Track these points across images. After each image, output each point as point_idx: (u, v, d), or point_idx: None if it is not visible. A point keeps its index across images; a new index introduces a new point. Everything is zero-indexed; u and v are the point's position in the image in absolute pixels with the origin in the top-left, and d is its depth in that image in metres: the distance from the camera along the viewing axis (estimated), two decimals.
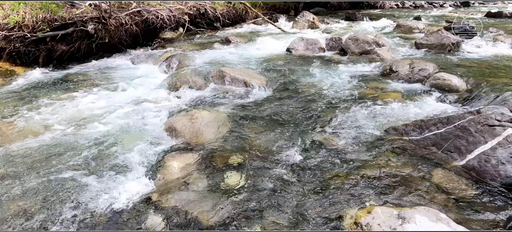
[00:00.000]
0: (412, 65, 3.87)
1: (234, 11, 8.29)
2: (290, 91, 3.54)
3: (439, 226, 1.35)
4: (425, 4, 13.26)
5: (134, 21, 5.58)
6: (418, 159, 2.14)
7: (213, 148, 2.36)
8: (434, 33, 5.09)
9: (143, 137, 2.57)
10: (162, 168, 2.11)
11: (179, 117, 2.82)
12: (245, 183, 1.96)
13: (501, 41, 5.05)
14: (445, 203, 1.73)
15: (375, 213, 1.51)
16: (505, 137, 1.89)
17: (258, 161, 2.18)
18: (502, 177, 1.77)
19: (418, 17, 8.43)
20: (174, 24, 6.52)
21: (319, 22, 7.87)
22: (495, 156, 1.86)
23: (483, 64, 4.00)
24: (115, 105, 3.28)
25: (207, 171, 2.09)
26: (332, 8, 11.44)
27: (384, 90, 3.51)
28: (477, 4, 13.53)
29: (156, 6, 6.16)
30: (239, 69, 4.13)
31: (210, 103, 3.27)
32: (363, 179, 1.97)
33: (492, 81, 3.29)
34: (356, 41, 4.88)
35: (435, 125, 2.29)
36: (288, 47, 5.29)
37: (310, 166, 2.13)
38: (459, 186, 1.84)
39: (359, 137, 2.48)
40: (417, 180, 1.93)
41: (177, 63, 4.73)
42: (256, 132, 2.61)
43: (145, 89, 3.84)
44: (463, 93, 3.19)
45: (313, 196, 1.84)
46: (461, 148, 2.04)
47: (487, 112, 2.08)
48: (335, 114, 2.88)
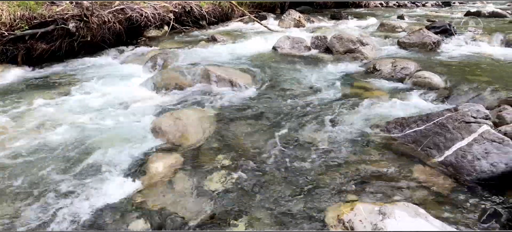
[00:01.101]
0: (395, 64, 3.96)
1: (220, 9, 8.24)
2: (276, 90, 3.56)
3: (417, 221, 1.40)
4: (408, 3, 13.57)
5: (118, 19, 5.46)
6: (399, 155, 2.20)
7: (198, 147, 2.36)
8: (416, 32, 5.22)
9: (127, 137, 2.53)
10: (147, 168, 2.08)
11: (164, 117, 2.79)
12: (230, 182, 1.96)
13: (479, 40, 5.23)
14: (424, 198, 1.79)
15: (357, 209, 1.55)
16: (480, 133, 1.96)
17: (244, 160, 2.19)
18: (477, 172, 1.85)
19: (401, 16, 8.61)
20: (159, 22, 6.43)
21: (305, 21, 7.92)
22: (471, 151, 1.93)
23: (462, 63, 4.13)
24: (98, 105, 3.21)
25: (192, 171, 2.08)
26: (317, 6, 11.55)
27: (368, 88, 3.58)
28: (458, 4, 13.94)
29: (140, 4, 6.05)
30: (225, 68, 4.12)
31: (196, 102, 3.25)
32: (346, 176, 2.01)
33: (470, 79, 3.40)
34: (341, 40, 4.95)
35: (415, 122, 2.35)
36: (274, 46, 5.30)
37: (295, 164, 2.15)
38: (437, 181, 1.91)
39: (343, 135, 2.52)
40: (398, 176, 1.98)
41: (162, 62, 4.66)
42: (242, 131, 2.62)
43: (129, 89, 3.78)
44: (442, 91, 3.29)
45: (298, 194, 1.87)
46: (439, 145, 2.10)
47: (463, 109, 2.16)
48: (320, 113, 2.91)
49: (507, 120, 2.31)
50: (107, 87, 3.78)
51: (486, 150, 1.88)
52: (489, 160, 1.85)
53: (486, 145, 1.90)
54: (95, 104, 3.25)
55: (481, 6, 10.53)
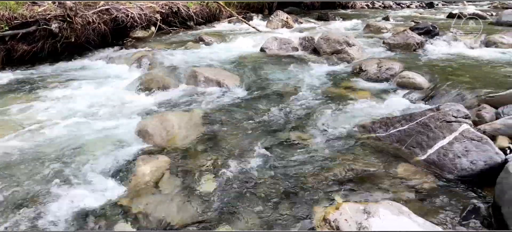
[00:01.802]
0: (380, 64, 4.03)
1: (208, 10, 8.21)
2: (264, 91, 3.57)
3: (401, 219, 1.43)
4: (394, 4, 13.85)
5: (103, 19, 5.36)
6: (384, 155, 2.24)
7: (185, 150, 2.34)
8: (400, 33, 5.33)
9: (112, 140, 2.49)
10: (133, 171, 2.05)
11: (150, 119, 2.76)
12: (217, 184, 1.95)
13: (460, 41, 5.38)
14: (408, 196, 1.83)
15: (342, 209, 1.57)
16: (460, 132, 2.03)
17: (231, 162, 2.18)
18: (458, 170, 1.90)
19: (386, 17, 8.78)
20: (145, 23, 6.34)
21: (293, 22, 7.97)
22: (452, 150, 1.99)
23: (444, 63, 4.25)
24: (82, 107, 3.14)
25: (179, 173, 2.07)
26: (305, 7, 11.65)
27: (354, 89, 3.63)
28: (441, 5, 14.33)
29: (126, 4, 5.96)
30: (213, 69, 4.11)
31: (183, 104, 3.23)
32: (333, 176, 2.04)
33: (451, 79, 3.50)
34: (328, 40, 5.01)
35: (399, 122, 2.41)
36: (262, 47, 5.32)
37: (283, 165, 2.16)
38: (420, 180, 1.95)
39: (330, 135, 2.56)
40: (383, 175, 2.02)
41: (148, 63, 4.61)
42: (229, 133, 2.61)
43: (115, 90, 3.71)
44: (426, 91, 3.38)
45: (285, 195, 1.88)
46: (422, 143, 2.16)
47: (445, 109, 2.22)
48: (307, 113, 2.94)
49: (486, 119, 2.39)
50: (91, 89, 3.71)
51: (466, 148, 1.94)
52: (469, 158, 1.91)
53: (466, 143, 1.96)
54: (79, 106, 3.18)
55: (463, 8, 10.86)
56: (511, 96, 2.46)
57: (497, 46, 4.93)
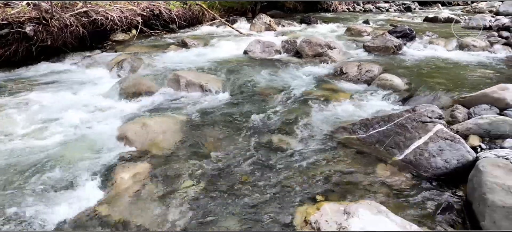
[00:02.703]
0: (360, 67, 4.13)
1: (191, 12, 8.14)
2: (247, 94, 3.58)
3: (379, 218, 1.47)
4: (373, 8, 14.23)
5: (81, 22, 5.21)
6: (364, 155, 2.30)
7: (167, 155, 2.31)
8: (379, 36, 5.49)
9: (91, 147, 2.42)
10: (112, 179, 2.00)
11: (131, 124, 2.71)
12: (199, 189, 1.94)
13: (436, 44, 5.61)
14: (386, 195, 1.89)
15: (323, 209, 1.59)
16: (435, 132, 2.11)
17: (213, 166, 2.18)
18: (433, 169, 1.98)
19: (366, 20, 9.01)
20: (126, 26, 6.22)
21: (276, 25, 8.04)
22: (427, 149, 2.06)
23: (420, 65, 4.41)
24: (59, 114, 3.04)
25: (161, 179, 2.04)
26: (288, 11, 11.77)
27: (336, 91, 3.70)
28: (418, 10, 14.85)
29: (106, 7, 5.82)
30: (195, 73, 4.08)
31: (165, 108, 3.19)
32: (314, 177, 2.07)
33: (427, 81, 3.63)
34: (310, 44, 5.09)
35: (378, 123, 2.47)
36: (245, 50, 5.33)
37: (265, 167, 2.18)
38: (398, 179, 2.01)
39: (312, 137, 2.59)
40: (363, 175, 2.07)
41: (129, 67, 4.52)
42: (212, 137, 2.60)
43: (94, 95, 3.62)
44: (403, 92, 3.49)
45: (268, 197, 1.89)
46: (400, 144, 2.23)
47: (420, 110, 2.31)
48: (290, 116, 2.97)
49: (459, 119, 2.50)
50: (69, 94, 3.59)
51: (440, 148, 2.02)
52: (443, 156, 1.99)
53: (440, 143, 2.04)
54: (56, 112, 3.07)
55: (438, 12, 11.30)
56: (482, 97, 2.58)
57: (469, 49, 5.17)
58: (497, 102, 2.49)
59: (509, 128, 2.13)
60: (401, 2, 15.61)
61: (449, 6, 16.75)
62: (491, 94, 2.54)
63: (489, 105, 2.50)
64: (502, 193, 1.48)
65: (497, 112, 2.42)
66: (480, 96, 2.60)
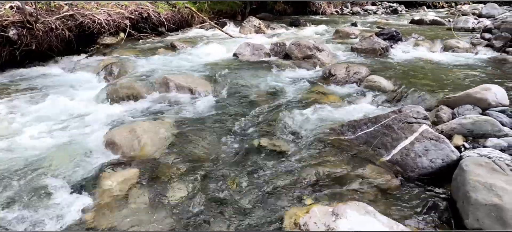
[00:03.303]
0: (348, 69, 4.19)
1: (180, 15, 8.10)
2: (237, 97, 3.57)
3: (366, 218, 1.49)
4: (361, 11, 14.46)
5: (67, 25, 5.12)
6: (352, 156, 2.32)
7: (155, 160, 2.28)
8: (367, 38, 5.58)
9: (77, 153, 2.38)
10: (99, 186, 1.97)
11: (118, 129, 2.67)
12: (188, 194, 1.93)
13: (421, 46, 5.73)
14: (374, 196, 1.91)
15: (312, 212, 1.60)
16: (420, 132, 2.15)
17: (203, 170, 2.16)
18: (419, 168, 2.01)
19: (354, 23, 9.14)
20: (113, 29, 6.14)
21: (265, 28, 8.08)
22: (413, 150, 2.10)
23: (407, 67, 4.49)
24: (45, 118, 2.98)
25: (149, 185, 2.01)
26: (277, 13, 11.84)
27: (324, 93, 3.74)
28: (404, 12, 15.16)
29: (92, 10, 5.74)
30: (185, 76, 4.05)
31: (154, 113, 3.16)
32: (304, 179, 2.08)
33: (413, 82, 3.71)
34: (299, 46, 5.13)
35: (366, 124, 2.51)
36: (234, 53, 5.34)
37: (254, 171, 2.18)
38: (386, 179, 2.04)
39: (301, 139, 2.61)
40: (351, 177, 2.09)
41: (117, 70, 4.47)
42: (202, 141, 2.59)
43: (81, 100, 3.55)
44: (390, 93, 3.55)
45: (257, 200, 1.89)
46: (387, 144, 2.26)
47: (406, 111, 2.35)
48: (279, 119, 2.98)
49: (443, 119, 2.56)
50: (55, 99, 3.51)
51: (425, 148, 2.06)
52: (428, 156, 2.03)
53: (426, 143, 2.08)
54: (41, 117, 3.01)
55: (423, 14, 11.56)
56: (465, 97, 2.64)
57: (453, 51, 5.30)
58: (479, 103, 2.56)
59: (491, 128, 2.19)
60: (388, 4, 15.92)
61: (435, 8, 17.17)
62: (474, 94, 2.60)
63: (472, 106, 2.57)
64: (484, 191, 1.52)
65: (480, 112, 2.49)
66: (464, 97, 2.66)
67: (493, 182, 1.55)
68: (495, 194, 1.48)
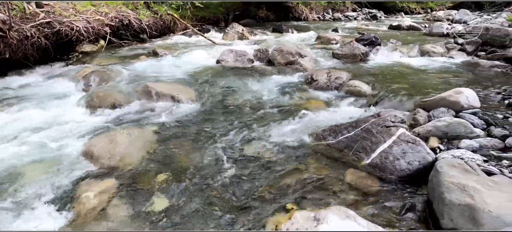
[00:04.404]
0: (330, 74, 4.27)
1: (162, 22, 8.03)
2: (220, 104, 3.57)
3: (346, 222, 1.51)
4: (342, 17, 14.80)
5: (43, 33, 4.96)
6: (333, 161, 2.36)
7: (136, 170, 2.24)
8: (347, 44, 5.71)
9: (53, 165, 2.29)
10: (76, 198, 1.91)
11: (97, 139, 2.60)
12: (170, 204, 1.90)
13: (399, 51, 5.92)
14: (355, 200, 1.95)
15: (294, 218, 1.61)
16: (398, 135, 2.22)
17: (186, 180, 2.14)
18: (398, 171, 2.07)
19: (336, 29, 9.34)
20: (93, 37, 6.00)
21: (248, 34, 8.13)
22: (392, 153, 2.16)
23: (385, 71, 4.63)
24: (18, 131, 2.86)
25: (130, 196, 1.97)
26: (260, 20, 11.93)
27: (307, 98, 3.79)
28: (383, 18, 15.65)
29: (71, 17, 5.60)
30: (167, 84, 4.01)
31: (134, 121, 3.10)
32: (286, 185, 2.09)
33: (392, 86, 3.82)
34: (281, 52, 5.19)
35: (346, 128, 2.56)
36: (218, 59, 5.33)
37: (237, 178, 2.17)
38: (366, 183, 2.09)
39: (284, 145, 2.63)
40: (332, 181, 2.12)
41: (97, 79, 4.36)
42: (184, 149, 2.56)
43: (59, 110, 3.44)
44: (370, 98, 3.64)
45: (240, 208, 1.88)
46: (367, 148, 2.32)
47: (384, 115, 2.42)
48: (262, 125, 2.99)
49: (420, 122, 2.64)
50: (30, 110, 3.39)
51: (403, 150, 2.13)
52: (406, 159, 2.09)
53: (403, 146, 2.14)
54: (15, 129, 2.89)
55: (401, 20, 11.97)
56: (440, 100, 2.75)
57: (429, 55, 5.51)
58: (453, 105, 2.67)
59: (464, 129, 2.29)
60: (368, 11, 16.39)
61: (411, 14, 17.83)
62: (448, 98, 2.71)
63: (446, 108, 2.67)
64: (458, 191, 1.58)
65: (454, 115, 2.59)
66: (438, 100, 2.77)
67: (466, 183, 1.61)
68: (468, 194, 1.55)
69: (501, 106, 2.91)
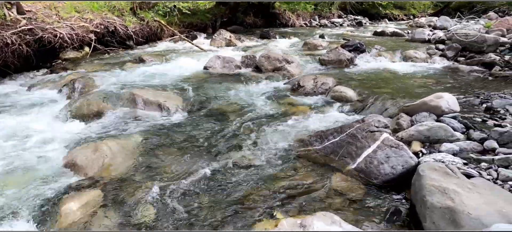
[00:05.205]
0: (316, 80, 4.33)
1: (149, 29, 7.97)
2: (207, 111, 3.56)
3: (332, 228, 1.53)
4: (328, 23, 15.07)
5: (25, 40, 4.84)
6: (320, 167, 2.39)
7: (121, 180, 2.20)
8: (333, 50, 5.81)
9: (34, 177, 2.23)
10: (57, 212, 1.86)
11: (81, 149, 2.55)
12: (155, 214, 1.87)
13: (383, 56, 6.07)
14: (341, 205, 1.97)
15: (281, 225, 1.62)
16: (382, 140, 2.26)
17: (170, 188, 2.11)
18: (382, 175, 2.11)
19: (322, 35, 9.49)
20: (77, 43, 5.90)
21: (236, 40, 8.16)
22: (376, 157, 2.20)
23: (370, 77, 4.73)
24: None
25: (115, 207, 1.93)
26: (248, 26, 12.01)
27: (293, 104, 3.83)
28: (368, 24, 16.03)
29: (54, 24, 5.49)
30: (153, 91, 3.97)
31: (120, 130, 3.05)
32: (274, 192, 2.10)
33: (376, 91, 3.90)
34: (268, 58, 5.23)
35: (332, 134, 2.59)
36: (205, 66, 5.33)
37: (224, 186, 2.17)
38: (351, 187, 2.12)
39: (271, 152, 2.64)
40: (319, 187, 2.14)
41: (81, 86, 4.28)
42: (171, 158, 2.54)
43: (40, 119, 3.36)
44: (355, 103, 3.71)
45: (227, 216, 1.88)
46: (352, 153, 2.35)
47: (369, 120, 2.47)
48: (249, 132, 3.00)
49: (403, 126, 2.71)
50: (10, 119, 3.29)
51: (387, 155, 2.17)
52: (390, 163, 2.13)
53: (387, 151, 2.19)
54: None
55: (385, 26, 12.28)
56: (422, 105, 2.82)
57: (412, 61, 5.67)
58: (434, 110, 2.74)
59: (444, 133, 2.36)
60: (353, 17, 16.75)
61: (395, 20, 18.33)
62: (429, 102, 2.79)
63: (428, 113, 2.75)
64: (438, 194, 1.62)
65: (435, 119, 2.67)
66: (420, 105, 2.84)
67: (446, 186, 1.66)
68: (448, 197, 1.59)
69: (480, 110, 3.01)
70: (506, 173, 1.85)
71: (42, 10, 5.82)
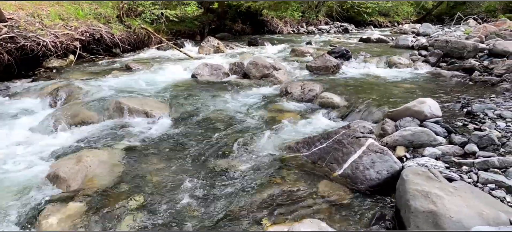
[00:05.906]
0: (303, 87, 4.37)
1: (136, 36, 7.89)
2: (195, 119, 3.53)
3: None
4: (316, 30, 15.31)
5: (6, 49, 4.72)
6: (307, 173, 2.40)
7: (105, 191, 2.15)
8: (320, 57, 5.89)
9: (14, 189, 2.16)
10: (38, 226, 1.80)
11: (64, 160, 2.48)
12: (142, 225, 1.84)
13: (369, 63, 6.19)
14: (328, 211, 1.98)
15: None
16: (367, 146, 2.30)
17: (156, 198, 2.08)
18: (368, 180, 2.14)
19: (309, 42, 9.63)
20: (62, 51, 5.79)
21: (224, 47, 8.17)
22: (362, 163, 2.23)
23: (356, 83, 4.81)
24: None
25: (98, 219, 1.89)
26: (236, 33, 12.06)
27: (281, 110, 3.85)
28: (355, 31, 16.36)
29: (37, 32, 5.37)
30: (140, 99, 3.92)
31: (105, 140, 2.99)
32: (262, 200, 2.10)
33: (362, 97, 3.97)
34: (256, 65, 5.26)
35: (319, 140, 2.62)
36: (193, 73, 5.31)
37: (212, 195, 2.15)
38: (338, 193, 2.14)
39: (259, 159, 2.64)
40: (306, 194, 2.15)
41: (65, 95, 4.19)
42: (158, 167, 2.50)
43: (22, 129, 3.26)
44: (342, 109, 3.76)
45: (215, 226, 1.86)
46: (338, 159, 2.38)
47: (354, 126, 2.51)
48: (237, 139, 2.99)
49: (388, 132, 2.76)
50: None
51: (372, 160, 2.21)
52: (375, 168, 2.17)
53: (372, 156, 2.23)
54: None
55: (370, 33, 12.56)
56: (405, 110, 2.89)
57: (396, 67, 5.80)
58: (417, 115, 2.81)
59: (427, 138, 2.42)
60: (340, 24, 17.07)
61: (380, 27, 18.78)
62: (412, 108, 2.86)
63: (411, 118, 2.81)
64: (421, 198, 1.65)
65: (418, 124, 2.73)
66: (404, 110, 2.91)
67: (429, 190, 1.69)
68: (431, 201, 1.62)
69: (460, 114, 3.11)
70: (486, 176, 1.91)
71: (25, 17, 5.69)
